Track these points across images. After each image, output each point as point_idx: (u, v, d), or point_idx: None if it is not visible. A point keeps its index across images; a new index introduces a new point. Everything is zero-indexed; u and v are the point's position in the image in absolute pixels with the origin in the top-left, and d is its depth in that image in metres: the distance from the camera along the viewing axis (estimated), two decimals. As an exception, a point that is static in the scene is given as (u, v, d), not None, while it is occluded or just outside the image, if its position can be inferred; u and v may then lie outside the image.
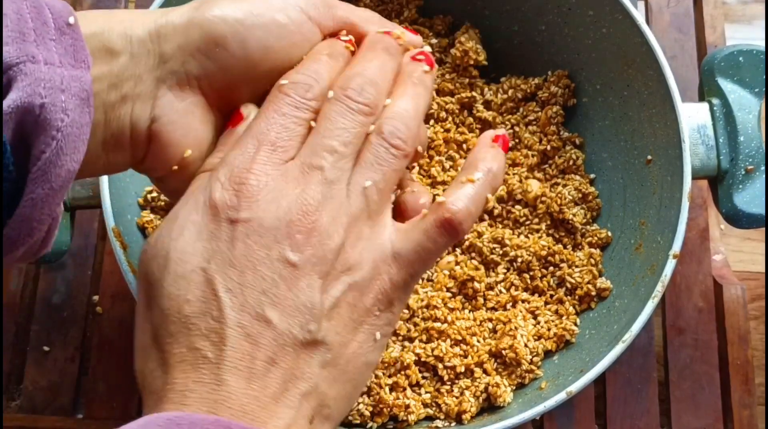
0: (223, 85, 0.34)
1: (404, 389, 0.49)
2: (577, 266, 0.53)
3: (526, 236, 0.54)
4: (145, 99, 0.33)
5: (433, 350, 0.50)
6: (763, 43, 0.60)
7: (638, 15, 0.51)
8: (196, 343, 0.29)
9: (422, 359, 0.50)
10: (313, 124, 0.33)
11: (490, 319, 0.52)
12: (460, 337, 0.51)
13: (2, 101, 0.27)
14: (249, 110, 0.35)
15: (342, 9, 0.37)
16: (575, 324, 0.52)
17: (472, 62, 0.56)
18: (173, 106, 0.33)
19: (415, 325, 0.51)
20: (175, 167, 0.34)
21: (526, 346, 0.50)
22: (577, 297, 0.53)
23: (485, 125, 0.57)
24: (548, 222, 0.54)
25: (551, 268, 0.53)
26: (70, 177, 0.29)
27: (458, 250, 0.54)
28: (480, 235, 0.53)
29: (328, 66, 0.34)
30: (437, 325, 0.50)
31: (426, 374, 0.50)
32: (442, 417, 0.49)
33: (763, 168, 0.51)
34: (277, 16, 0.34)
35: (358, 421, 0.48)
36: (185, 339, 0.29)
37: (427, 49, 0.37)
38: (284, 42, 0.34)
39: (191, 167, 0.34)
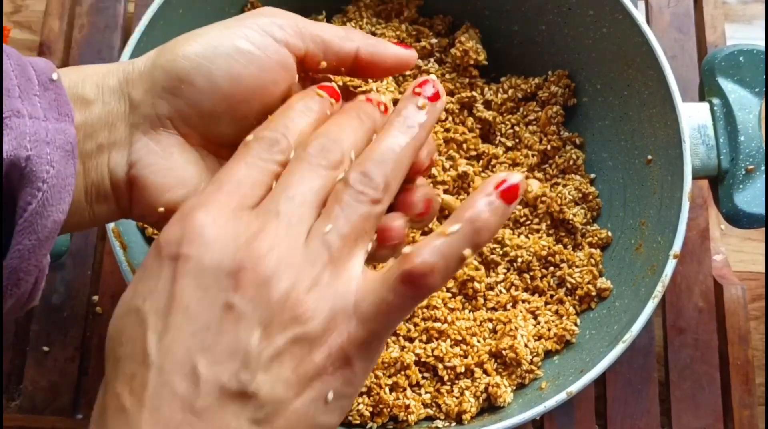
0: (199, 120, 0.33)
1: (404, 389, 0.49)
2: (577, 266, 0.53)
3: (527, 236, 0.54)
4: (121, 146, 0.33)
5: (433, 350, 0.50)
6: (763, 43, 0.60)
7: (638, 15, 0.51)
8: (117, 388, 0.28)
9: (422, 359, 0.50)
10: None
11: (490, 319, 0.52)
12: (460, 337, 0.51)
13: None
14: None
15: (313, 27, 0.35)
16: (575, 324, 0.52)
17: (472, 62, 0.56)
18: (149, 149, 0.33)
19: (415, 325, 0.51)
20: (161, 209, 0.33)
21: (526, 346, 0.50)
22: (577, 297, 0.53)
23: (485, 125, 0.57)
24: (548, 222, 0.54)
25: (551, 268, 0.53)
26: (56, 228, 0.29)
27: (458, 250, 0.54)
28: (480, 235, 0.53)
29: (299, 121, 0.33)
30: (437, 325, 0.50)
31: (426, 374, 0.50)
32: (442, 417, 0.49)
33: (763, 168, 0.51)
34: (239, 43, 0.33)
35: (358, 421, 0.48)
36: (112, 383, 0.28)
37: (433, 77, 0.35)
38: (252, 68, 0.33)
39: (177, 208, 0.33)
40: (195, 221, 0.29)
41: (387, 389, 0.49)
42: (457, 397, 0.49)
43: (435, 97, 0.34)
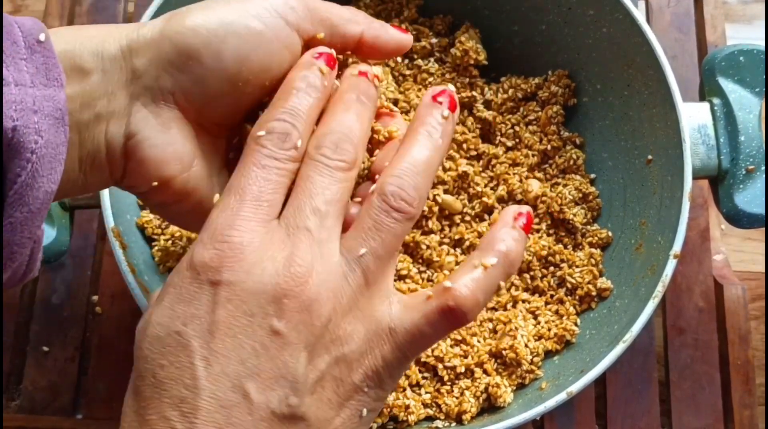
0: (200, 98, 0.32)
1: (404, 389, 0.49)
2: (577, 266, 0.53)
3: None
4: (119, 116, 0.31)
5: (433, 350, 0.50)
6: (763, 43, 0.60)
7: (639, 15, 0.51)
8: (166, 411, 0.27)
9: (422, 359, 0.50)
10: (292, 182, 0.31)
11: (491, 319, 0.52)
12: (460, 337, 0.50)
13: None
14: None
15: (323, 10, 0.34)
16: (576, 324, 0.52)
17: (472, 62, 0.56)
18: (148, 122, 0.32)
19: (415, 325, 0.51)
20: (155, 183, 0.33)
21: (526, 346, 0.50)
22: (577, 297, 0.53)
23: (485, 125, 0.57)
24: (549, 222, 0.54)
25: (551, 268, 0.53)
26: (48, 198, 0.28)
27: (458, 250, 0.54)
28: (480, 235, 0.53)
29: (304, 103, 0.32)
30: (437, 325, 0.50)
31: (426, 374, 0.50)
32: (442, 417, 0.49)
33: (763, 168, 0.51)
34: (251, 23, 0.32)
35: (358, 422, 0.48)
36: (157, 405, 0.28)
37: (451, 88, 0.34)
38: (261, 51, 0.32)
39: (173, 183, 0.33)
40: (231, 243, 0.28)
41: (387, 389, 0.49)
42: (457, 397, 0.49)
43: (453, 107, 0.33)
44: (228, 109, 0.33)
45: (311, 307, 0.28)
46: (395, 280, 0.52)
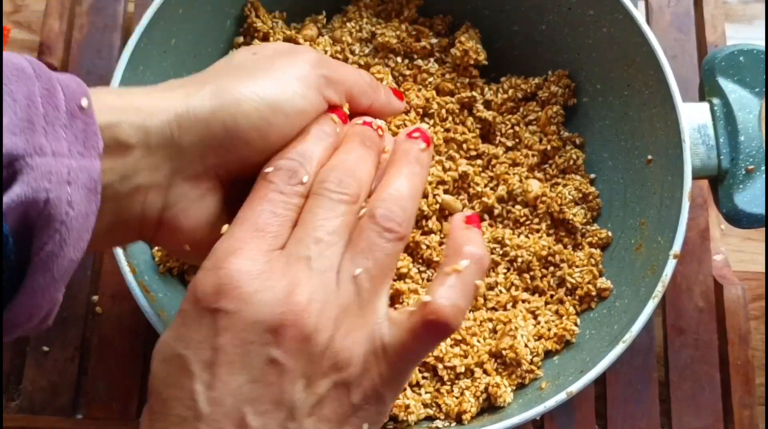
0: (240, 169, 0.33)
1: (404, 389, 0.49)
2: (577, 266, 0.53)
3: (527, 236, 0.54)
4: (159, 188, 0.32)
5: (433, 350, 0.50)
6: (763, 43, 0.60)
7: (639, 15, 0.51)
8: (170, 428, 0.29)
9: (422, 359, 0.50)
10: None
11: (491, 319, 0.52)
12: (459, 337, 0.50)
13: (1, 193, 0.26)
14: None
15: (347, 84, 0.37)
16: (575, 324, 0.52)
17: (472, 62, 0.56)
18: (186, 194, 0.33)
19: (415, 325, 0.51)
20: (188, 248, 0.34)
21: (526, 346, 0.50)
22: (577, 297, 0.53)
23: (485, 125, 0.57)
24: (548, 222, 0.54)
25: (551, 268, 0.53)
26: (72, 266, 0.28)
27: (458, 250, 0.54)
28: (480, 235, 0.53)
29: (313, 147, 0.34)
30: (437, 325, 0.50)
31: (426, 374, 0.50)
32: (442, 417, 0.49)
33: (763, 168, 0.51)
34: (298, 103, 0.33)
35: (358, 422, 0.48)
36: (164, 421, 0.29)
37: (424, 126, 0.36)
38: (301, 124, 0.34)
39: (203, 244, 0.33)
40: (230, 272, 0.29)
41: (387, 389, 0.49)
42: (457, 397, 0.49)
43: (427, 142, 0.36)
44: (255, 169, 0.34)
45: (309, 337, 0.29)
46: (395, 280, 0.52)
